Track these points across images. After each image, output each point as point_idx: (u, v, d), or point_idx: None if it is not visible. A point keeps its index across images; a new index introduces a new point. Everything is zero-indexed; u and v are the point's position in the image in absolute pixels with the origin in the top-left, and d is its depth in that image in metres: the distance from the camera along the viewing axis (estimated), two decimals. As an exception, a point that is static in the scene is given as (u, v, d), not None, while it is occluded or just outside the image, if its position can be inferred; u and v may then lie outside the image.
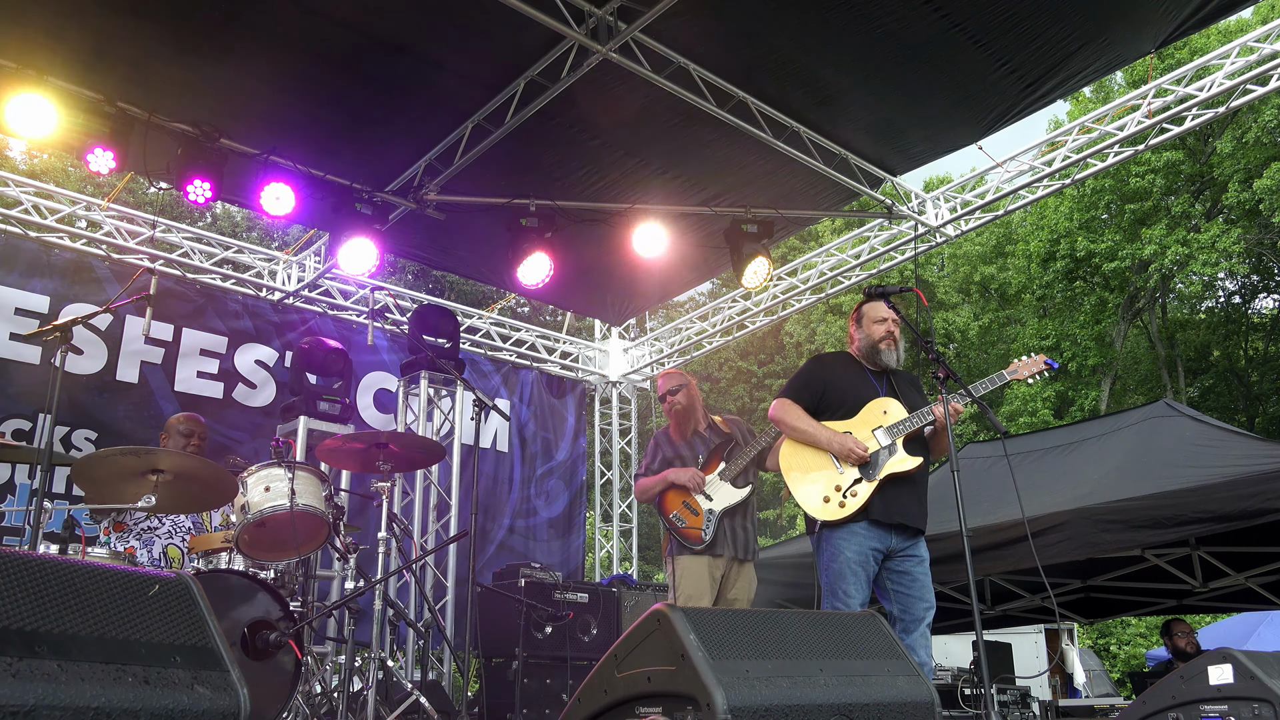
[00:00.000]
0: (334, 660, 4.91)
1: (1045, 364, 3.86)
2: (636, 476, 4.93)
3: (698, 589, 4.50)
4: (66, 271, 6.63)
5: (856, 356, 4.08)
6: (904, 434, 3.79)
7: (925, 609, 3.72)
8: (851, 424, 3.85)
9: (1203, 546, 6.41)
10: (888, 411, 3.85)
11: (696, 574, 4.53)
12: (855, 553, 3.70)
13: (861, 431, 3.82)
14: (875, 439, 3.80)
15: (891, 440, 3.79)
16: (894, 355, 3.98)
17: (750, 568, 4.72)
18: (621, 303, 8.68)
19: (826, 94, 5.80)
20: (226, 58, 5.21)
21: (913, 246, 7.50)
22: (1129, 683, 12.48)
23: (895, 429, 3.80)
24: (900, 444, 3.79)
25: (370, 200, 6.10)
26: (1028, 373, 3.86)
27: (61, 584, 1.72)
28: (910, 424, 3.79)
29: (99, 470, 3.77)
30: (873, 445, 3.78)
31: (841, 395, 3.92)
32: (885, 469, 3.74)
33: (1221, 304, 24.05)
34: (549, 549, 8.76)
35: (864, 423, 3.85)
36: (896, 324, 3.98)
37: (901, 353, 4.02)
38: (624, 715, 2.28)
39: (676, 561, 4.60)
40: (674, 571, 4.60)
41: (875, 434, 3.82)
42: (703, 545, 4.54)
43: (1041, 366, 3.86)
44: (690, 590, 4.50)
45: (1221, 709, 2.84)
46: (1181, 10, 5.23)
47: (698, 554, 4.56)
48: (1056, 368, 3.99)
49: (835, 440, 3.79)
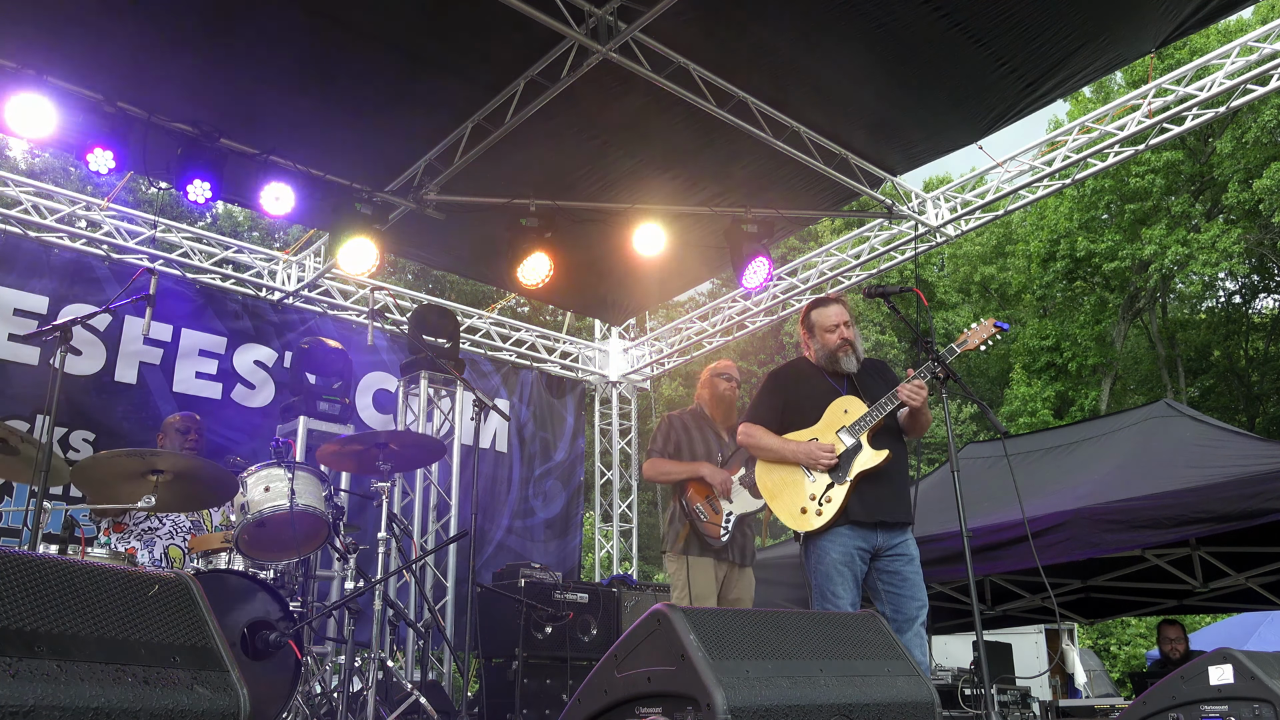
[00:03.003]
0: (334, 660, 4.92)
1: (995, 326, 3.75)
2: (650, 453, 4.83)
3: (707, 588, 4.51)
4: (66, 272, 6.62)
5: (812, 361, 4.05)
6: (867, 429, 3.75)
7: (918, 608, 3.70)
8: (816, 430, 3.83)
9: (1203, 546, 6.41)
10: (848, 410, 3.81)
11: (706, 574, 4.54)
12: (840, 553, 3.69)
13: (826, 435, 3.79)
14: (840, 440, 3.77)
15: (855, 439, 3.75)
16: (852, 360, 3.93)
17: (749, 572, 4.75)
18: (621, 303, 8.67)
19: (826, 94, 5.80)
20: (226, 58, 5.21)
21: (913, 246, 7.50)
22: (1129, 683, 12.47)
23: (857, 426, 3.76)
24: (865, 440, 3.75)
25: (370, 200, 6.10)
26: (977, 340, 3.77)
27: (61, 584, 1.72)
28: (870, 418, 3.75)
29: (99, 471, 3.77)
30: (840, 447, 3.75)
31: (801, 404, 3.90)
32: (855, 468, 3.72)
33: (1222, 304, 24.07)
34: (545, 549, 8.76)
35: (828, 426, 3.82)
36: (849, 326, 3.94)
37: (860, 354, 3.98)
38: (624, 715, 2.28)
39: (686, 561, 4.58)
40: (683, 570, 4.57)
41: (839, 435, 3.78)
42: (719, 544, 4.54)
43: (991, 330, 3.75)
44: (701, 589, 4.50)
45: (1221, 709, 2.84)
46: (1181, 10, 5.22)
47: (706, 555, 4.56)
48: (1006, 328, 3.90)
49: (800, 451, 3.78)
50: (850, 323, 3.97)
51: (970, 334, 3.81)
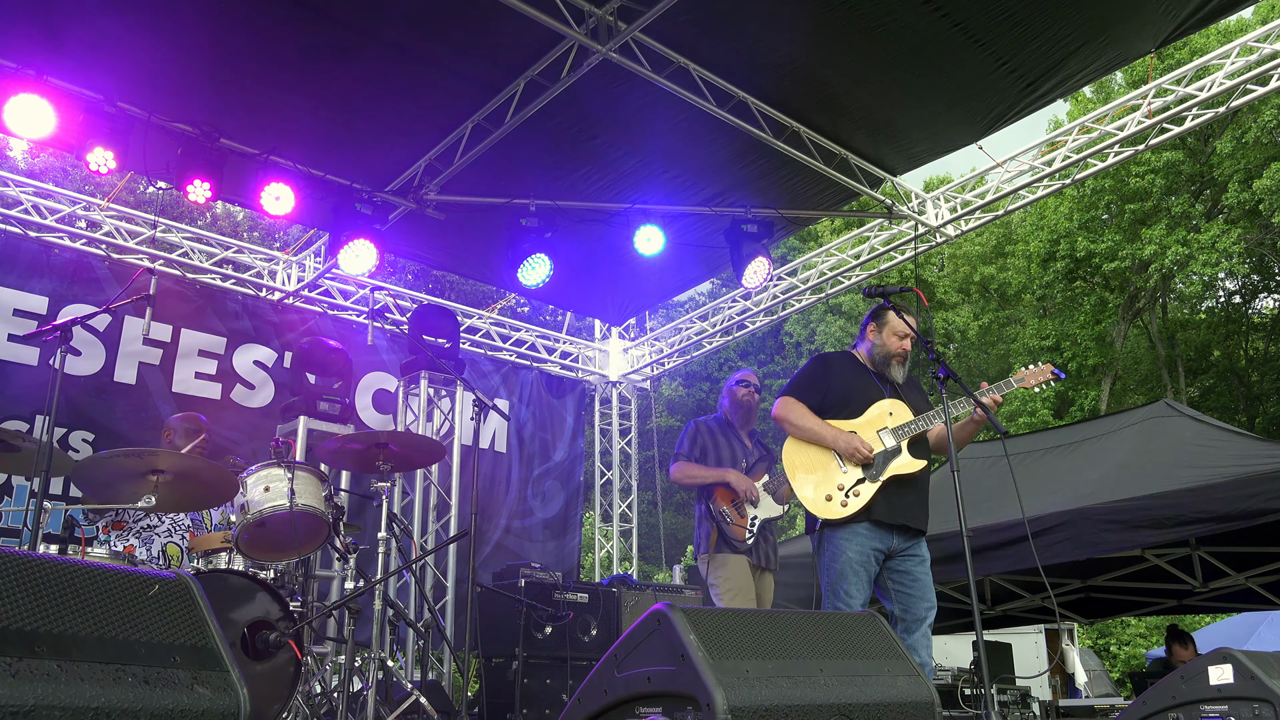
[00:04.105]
0: (334, 660, 4.92)
1: (1053, 374, 3.86)
2: (676, 457, 4.89)
3: (743, 584, 4.55)
4: (66, 272, 6.61)
5: (860, 359, 4.07)
6: (909, 436, 3.79)
7: (927, 609, 3.73)
8: (857, 424, 3.85)
9: (1203, 546, 6.41)
10: (893, 414, 3.86)
11: (741, 571, 4.58)
12: (857, 553, 3.70)
13: (867, 432, 3.82)
14: (880, 440, 3.81)
15: (896, 442, 3.79)
16: (901, 372, 4.01)
17: (770, 576, 4.80)
18: (621, 303, 8.68)
19: (826, 94, 5.80)
20: (226, 58, 5.21)
21: (913, 246, 7.50)
22: (1129, 683, 12.47)
23: (901, 431, 3.80)
24: (905, 446, 3.79)
25: (370, 200, 6.10)
26: (1034, 381, 3.87)
27: (61, 584, 1.72)
28: (916, 426, 3.80)
29: (99, 471, 3.77)
30: (878, 446, 3.78)
31: (847, 396, 3.92)
32: (889, 470, 3.75)
33: (1222, 304, 24.06)
34: (543, 549, 8.75)
35: (870, 424, 3.85)
36: (913, 341, 3.97)
37: (908, 371, 4.06)
38: (624, 715, 2.28)
39: (722, 559, 4.61)
40: (718, 567, 4.61)
41: (880, 435, 3.82)
42: (745, 547, 4.58)
43: (1048, 376, 3.86)
44: (738, 585, 4.54)
45: (1221, 709, 2.84)
46: (1181, 10, 5.23)
47: (740, 553, 4.60)
48: (1064, 377, 3.99)
49: (841, 439, 3.78)
50: (914, 339, 3.99)
51: (1028, 374, 3.89)
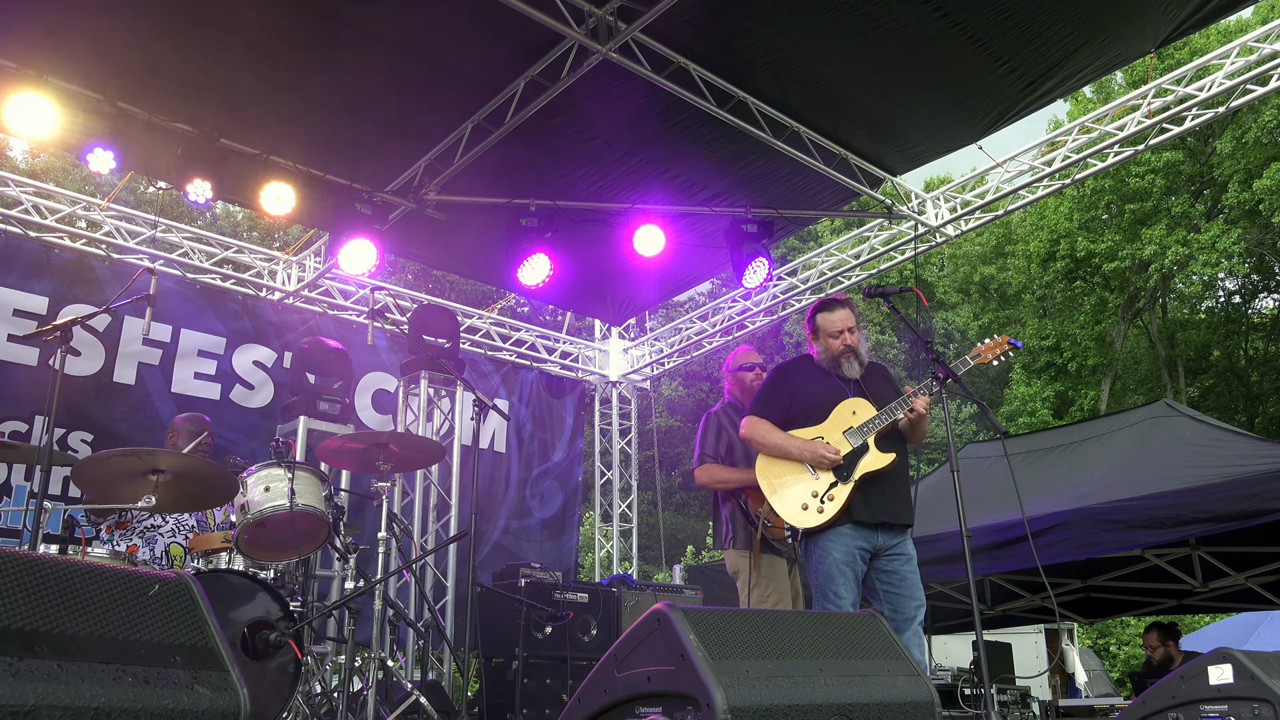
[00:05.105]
0: (334, 660, 4.91)
1: (1009, 344, 3.81)
2: (702, 458, 4.63)
3: (783, 586, 4.48)
4: (66, 272, 6.61)
5: (819, 362, 4.04)
6: (874, 432, 3.76)
7: (916, 607, 3.72)
8: (823, 428, 3.83)
9: (1203, 546, 6.41)
10: (856, 412, 3.82)
11: (781, 574, 4.50)
12: (842, 553, 3.69)
13: (833, 435, 3.80)
14: (846, 441, 3.78)
15: (863, 439, 3.77)
16: (855, 366, 3.92)
17: (798, 567, 4.68)
18: (621, 303, 8.68)
19: (826, 94, 5.80)
20: (226, 58, 5.21)
21: (913, 246, 7.50)
22: (1129, 683, 12.47)
23: (865, 428, 3.78)
24: (873, 442, 3.77)
25: (370, 200, 6.10)
26: (991, 355, 3.82)
27: (61, 584, 1.72)
28: (879, 422, 3.77)
29: (99, 471, 3.76)
30: (845, 447, 3.76)
31: (809, 402, 3.89)
32: (860, 469, 3.73)
33: (1222, 304, 24.07)
34: (542, 550, 8.74)
35: (834, 425, 3.83)
36: (853, 332, 3.92)
37: (864, 359, 3.96)
38: (624, 715, 2.28)
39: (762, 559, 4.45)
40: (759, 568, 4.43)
41: (846, 436, 3.80)
42: (785, 546, 4.49)
43: (1005, 347, 3.81)
44: (780, 586, 4.46)
45: (1221, 709, 2.83)
46: (1181, 10, 5.23)
47: (780, 554, 4.51)
48: (1020, 346, 3.95)
49: (805, 448, 3.78)
50: (855, 328, 3.95)
51: (985, 349, 3.86)
